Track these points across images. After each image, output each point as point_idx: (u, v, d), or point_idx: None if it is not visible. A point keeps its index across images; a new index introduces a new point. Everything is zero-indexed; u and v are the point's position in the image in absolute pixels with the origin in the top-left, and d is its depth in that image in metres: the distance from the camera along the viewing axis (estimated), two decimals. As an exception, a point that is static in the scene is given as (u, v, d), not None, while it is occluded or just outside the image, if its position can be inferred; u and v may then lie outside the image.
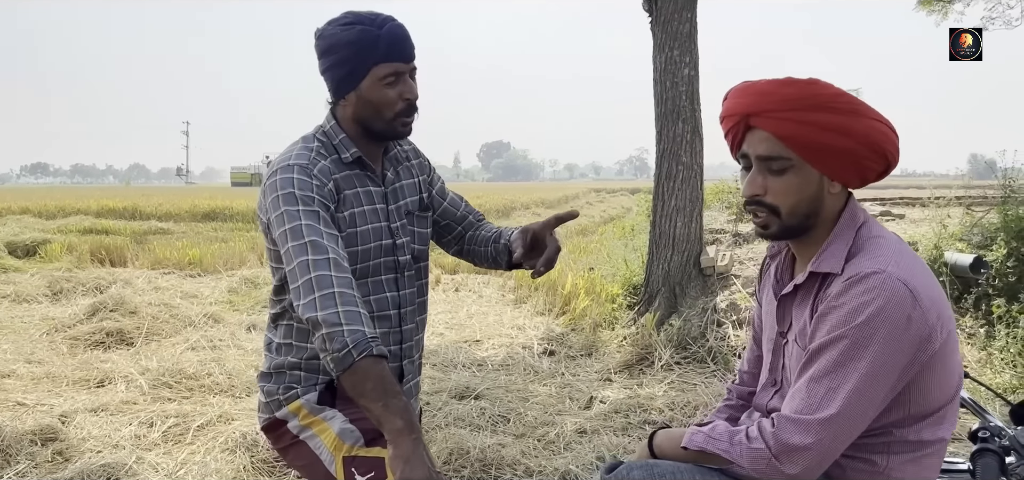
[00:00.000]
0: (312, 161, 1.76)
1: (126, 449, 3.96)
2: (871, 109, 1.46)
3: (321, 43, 1.80)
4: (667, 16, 6.29)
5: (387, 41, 1.76)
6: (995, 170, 7.22)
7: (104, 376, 5.35)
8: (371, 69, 1.76)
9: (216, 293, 9.10)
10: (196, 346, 6.26)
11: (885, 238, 1.47)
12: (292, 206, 1.68)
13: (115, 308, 7.00)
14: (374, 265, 1.84)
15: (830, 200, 1.50)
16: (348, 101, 1.82)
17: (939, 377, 1.41)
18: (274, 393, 1.85)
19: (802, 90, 1.45)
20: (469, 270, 11.03)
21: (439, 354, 6.16)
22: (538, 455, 3.89)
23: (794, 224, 1.50)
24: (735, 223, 8.42)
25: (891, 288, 1.35)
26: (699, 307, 6.06)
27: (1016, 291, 5.39)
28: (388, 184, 1.91)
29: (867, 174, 1.49)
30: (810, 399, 1.37)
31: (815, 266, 1.48)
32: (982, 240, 6.01)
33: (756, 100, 1.47)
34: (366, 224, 1.83)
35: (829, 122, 1.42)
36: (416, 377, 2.04)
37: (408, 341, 1.96)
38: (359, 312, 1.58)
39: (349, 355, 1.52)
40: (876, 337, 1.34)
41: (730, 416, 1.80)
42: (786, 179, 1.47)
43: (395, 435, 1.48)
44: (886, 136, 1.46)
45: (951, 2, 9.68)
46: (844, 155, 1.45)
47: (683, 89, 6.29)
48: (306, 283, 1.59)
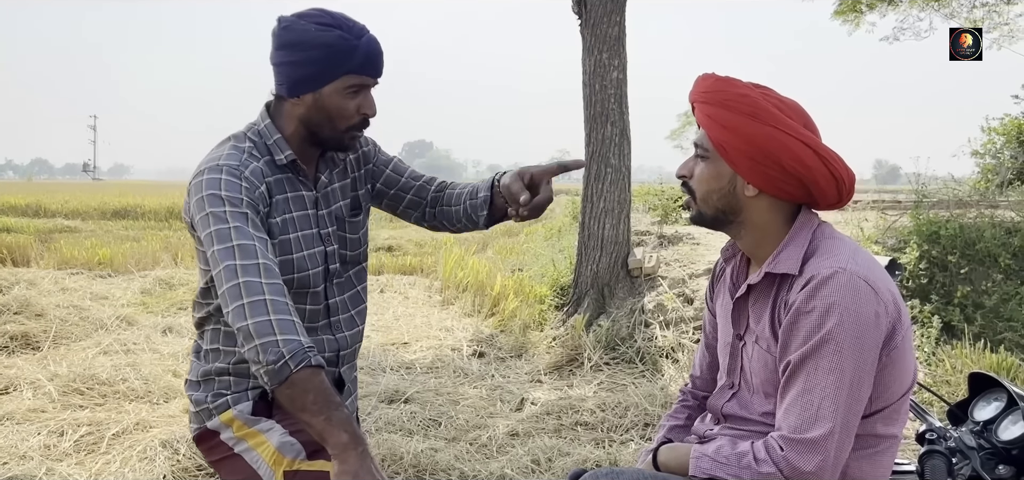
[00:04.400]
0: (243, 162, 1.65)
1: (34, 460, 3.73)
2: (782, 119, 1.44)
3: (287, 35, 1.67)
4: (596, 19, 6.34)
5: (364, 53, 1.67)
6: (900, 176, 7.53)
7: (8, 383, 5.03)
8: (341, 77, 1.67)
9: (128, 294, 8.70)
10: (108, 350, 5.97)
11: (840, 239, 1.49)
12: (218, 207, 1.57)
13: (19, 310, 6.60)
14: (309, 276, 1.75)
15: (748, 203, 1.51)
16: (302, 102, 1.71)
17: (898, 371, 1.43)
18: (203, 402, 1.75)
19: (715, 85, 1.51)
20: (394, 270, 10.89)
21: (367, 357, 6.04)
22: (472, 459, 3.84)
23: (707, 213, 1.56)
24: (660, 225, 8.54)
25: (855, 286, 1.36)
26: (627, 308, 6.11)
27: (928, 292, 5.63)
28: (320, 188, 1.82)
29: (780, 186, 1.47)
30: (806, 414, 1.37)
31: (771, 267, 1.48)
32: (896, 243, 6.25)
33: (694, 90, 1.56)
34: (297, 231, 1.74)
35: (727, 119, 1.47)
36: (355, 388, 1.97)
37: (345, 349, 1.89)
38: (293, 321, 1.48)
39: (285, 367, 1.43)
40: (853, 339, 1.35)
41: (689, 417, 1.80)
42: (704, 167, 1.54)
43: (340, 450, 1.40)
44: (785, 148, 1.43)
45: (862, 13, 10.08)
46: (741, 155, 1.47)
47: (612, 92, 6.34)
48: (233, 289, 1.49)
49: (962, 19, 9.66)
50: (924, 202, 6.56)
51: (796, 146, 1.44)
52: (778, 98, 1.49)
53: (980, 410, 1.73)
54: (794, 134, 1.44)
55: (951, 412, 1.81)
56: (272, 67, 1.74)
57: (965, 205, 6.70)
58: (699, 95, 1.53)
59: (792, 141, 1.44)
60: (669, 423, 1.81)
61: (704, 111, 1.51)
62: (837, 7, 9.91)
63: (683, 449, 1.57)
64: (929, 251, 5.78)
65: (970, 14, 9.68)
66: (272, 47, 1.72)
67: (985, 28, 9.72)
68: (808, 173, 1.45)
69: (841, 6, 9.85)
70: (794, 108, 1.49)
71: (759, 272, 1.52)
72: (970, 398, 1.78)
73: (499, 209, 1.90)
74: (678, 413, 1.82)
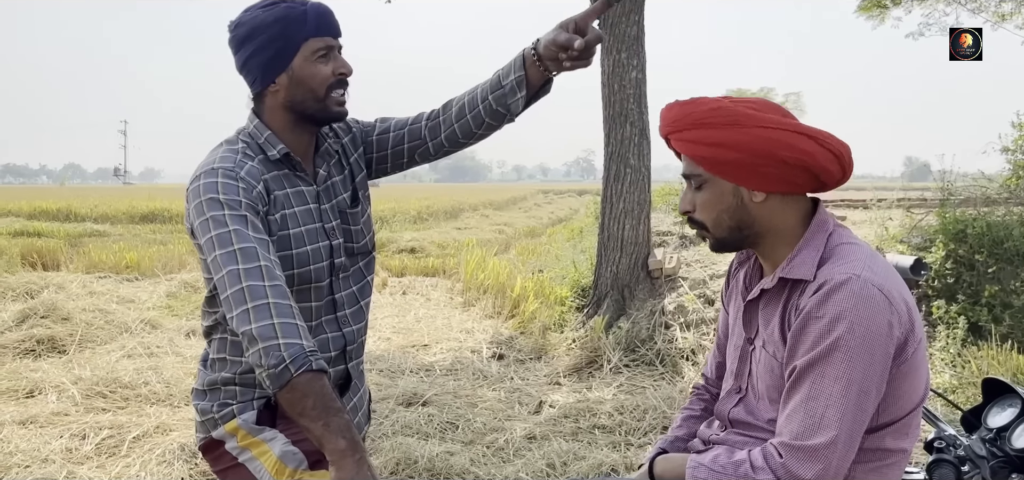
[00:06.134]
0: (238, 163, 1.64)
1: (56, 463, 3.78)
2: (763, 117, 1.42)
3: (239, 31, 1.67)
4: (615, 19, 6.30)
5: (314, 15, 1.66)
6: (931, 172, 7.41)
7: (34, 386, 5.12)
8: (302, 44, 1.66)
9: (154, 298, 8.80)
10: (132, 353, 6.04)
11: (856, 244, 1.45)
12: (217, 211, 1.55)
13: (46, 314, 6.71)
14: (312, 271, 1.73)
15: (759, 209, 1.47)
16: (278, 85, 1.69)
17: (911, 383, 1.39)
18: (209, 411, 1.74)
19: (683, 110, 1.47)
20: (416, 272, 10.93)
21: (386, 359, 6.06)
22: (488, 462, 3.84)
23: (724, 236, 1.51)
24: (681, 225, 8.48)
25: (868, 295, 1.32)
26: (647, 310, 6.07)
27: (954, 292, 5.53)
28: (321, 182, 1.80)
29: (786, 181, 1.44)
30: (809, 421, 1.33)
31: (785, 272, 1.45)
32: (922, 242, 6.15)
33: (663, 123, 1.52)
34: (299, 226, 1.72)
35: (710, 137, 1.44)
36: (362, 382, 1.96)
37: (352, 343, 1.86)
38: (296, 324, 1.47)
39: (286, 370, 1.42)
40: (862, 347, 1.31)
41: (705, 409, 1.77)
42: (705, 194, 1.49)
43: (338, 456, 1.40)
44: (779, 142, 1.41)
45: (887, 8, 9.93)
46: (737, 166, 1.44)
47: (631, 92, 6.30)
48: (237, 294, 1.48)
49: (990, 13, 9.49)
50: (950, 200, 6.44)
51: (787, 137, 1.41)
52: (748, 100, 1.46)
53: (994, 417, 1.67)
54: (779, 126, 1.41)
55: (965, 419, 1.76)
56: (241, 74, 1.74)
57: (993, 203, 6.58)
58: (671, 125, 1.49)
59: (781, 133, 1.41)
60: (684, 414, 1.78)
61: (683, 139, 1.47)
62: (861, 3, 9.78)
63: (679, 459, 1.54)
64: (956, 250, 5.68)
65: (998, 8, 9.51)
66: (233, 54, 1.72)
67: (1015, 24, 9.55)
68: (809, 158, 1.41)
69: (865, 2, 9.72)
70: (768, 104, 1.46)
71: (773, 277, 1.49)
72: (984, 404, 1.74)
73: (535, 81, 1.74)
74: (693, 405, 1.79)
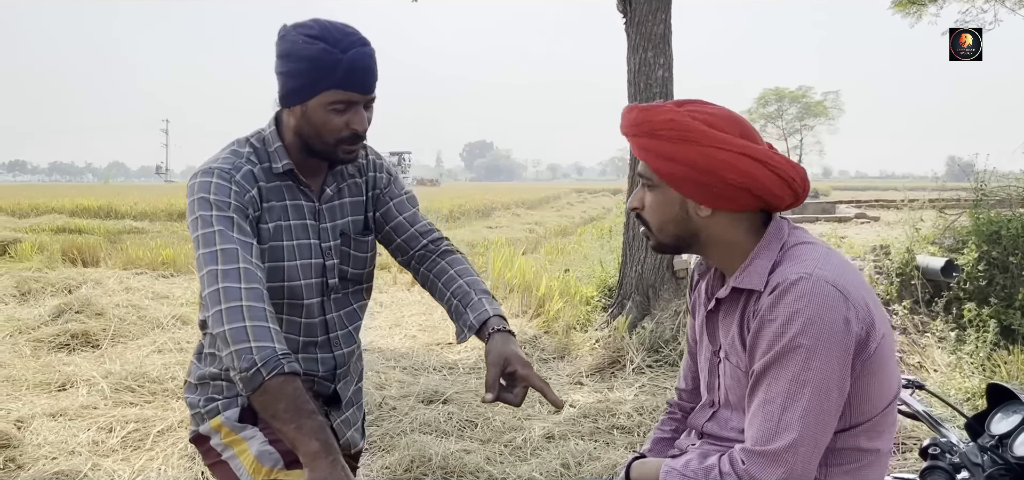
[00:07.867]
0: (236, 166, 1.67)
1: (82, 456, 3.86)
2: (716, 135, 1.39)
3: (281, 45, 1.68)
4: (641, 17, 6.26)
5: (346, 68, 1.61)
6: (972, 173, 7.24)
7: (66, 379, 5.24)
8: (321, 92, 1.63)
9: (188, 294, 8.96)
10: (162, 348, 6.15)
11: (811, 244, 1.43)
12: (206, 211, 1.59)
13: (81, 309, 6.85)
14: (301, 286, 1.74)
15: (705, 222, 1.46)
16: (293, 112, 1.70)
17: (879, 381, 1.36)
18: (197, 405, 1.77)
19: (640, 116, 1.46)
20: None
21: (410, 357, 6.09)
22: (503, 461, 3.84)
23: (665, 241, 1.52)
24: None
25: (822, 292, 1.30)
26: (671, 310, 6.03)
27: (986, 295, 5.41)
28: (325, 200, 1.80)
29: (731, 200, 1.42)
30: (767, 425, 1.31)
31: (738, 282, 1.43)
32: (954, 243, 6.03)
33: (622, 124, 1.52)
34: (292, 240, 1.73)
35: (661, 149, 1.43)
36: (358, 400, 1.96)
37: (342, 365, 1.87)
38: (268, 327, 1.49)
39: (258, 374, 1.44)
40: (819, 346, 1.29)
41: (675, 430, 1.76)
42: (653, 196, 1.50)
43: (310, 458, 1.41)
44: (725, 163, 1.38)
45: (925, 5, 9.73)
46: (685, 181, 1.43)
47: (657, 90, 6.26)
48: (213, 294, 1.51)
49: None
50: (984, 201, 6.29)
51: (734, 158, 1.38)
52: (707, 112, 1.42)
53: (997, 423, 1.64)
54: (729, 147, 1.39)
55: (969, 425, 1.72)
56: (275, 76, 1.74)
57: (1030, 203, 6.41)
58: (628, 128, 1.48)
59: (729, 154, 1.39)
60: (655, 435, 1.77)
61: (638, 143, 1.47)
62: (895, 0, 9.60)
63: (654, 464, 1.53)
64: (989, 252, 5.55)
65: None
66: (274, 56, 1.72)
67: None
68: (753, 182, 1.39)
69: (899, 0, 9.54)
70: (727, 118, 1.43)
71: (726, 287, 1.47)
72: (989, 410, 1.70)
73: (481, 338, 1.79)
74: (664, 425, 1.78)
